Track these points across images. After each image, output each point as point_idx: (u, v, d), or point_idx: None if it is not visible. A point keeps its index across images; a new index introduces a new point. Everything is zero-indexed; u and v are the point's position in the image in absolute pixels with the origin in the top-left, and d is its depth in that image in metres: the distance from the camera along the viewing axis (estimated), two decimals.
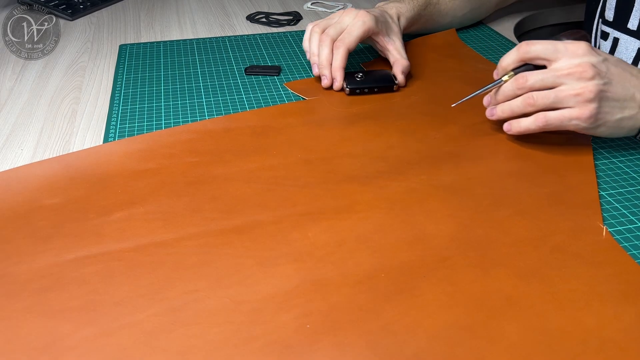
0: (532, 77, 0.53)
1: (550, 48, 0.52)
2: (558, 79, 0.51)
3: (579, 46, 0.52)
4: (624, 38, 0.70)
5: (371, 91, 0.69)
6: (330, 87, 0.70)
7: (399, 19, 0.76)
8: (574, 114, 0.51)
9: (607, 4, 0.73)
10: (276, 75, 0.76)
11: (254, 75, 0.76)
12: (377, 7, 0.76)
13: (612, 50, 0.72)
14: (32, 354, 0.37)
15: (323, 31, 0.70)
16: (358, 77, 0.69)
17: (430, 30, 0.86)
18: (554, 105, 0.52)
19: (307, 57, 0.72)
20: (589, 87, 0.50)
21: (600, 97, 0.50)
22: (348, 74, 0.69)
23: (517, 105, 0.55)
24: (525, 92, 0.54)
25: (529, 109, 0.54)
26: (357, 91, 0.68)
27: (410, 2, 0.79)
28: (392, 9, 0.76)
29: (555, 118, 0.52)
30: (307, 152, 0.57)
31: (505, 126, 0.57)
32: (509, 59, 0.56)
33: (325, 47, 0.69)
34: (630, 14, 0.69)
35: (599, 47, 0.75)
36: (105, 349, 0.37)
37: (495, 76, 0.58)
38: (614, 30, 0.71)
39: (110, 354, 0.36)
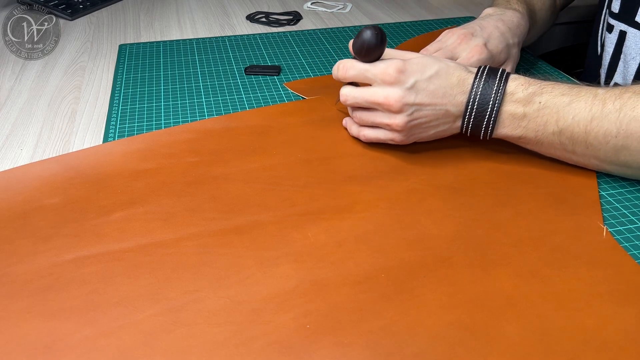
0: (350, 99, 0.56)
1: (361, 76, 0.54)
2: (372, 105, 0.54)
3: (388, 73, 0.52)
4: (631, 32, 0.67)
5: None
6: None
7: (520, 39, 0.68)
8: (388, 136, 0.56)
9: None
10: (276, 75, 0.76)
11: (253, 75, 0.76)
12: (499, 19, 0.67)
13: (619, 44, 0.69)
14: (32, 354, 0.37)
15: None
16: None
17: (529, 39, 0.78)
18: (374, 125, 0.56)
19: None
20: (396, 121, 0.53)
21: (409, 127, 0.53)
22: None
23: (350, 120, 0.59)
24: (349, 102, 0.56)
25: (356, 120, 0.58)
26: None
27: (524, 13, 0.71)
28: (516, 26, 0.68)
29: (374, 137, 0.57)
30: (307, 152, 0.57)
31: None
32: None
33: None
34: (638, 6, 0.66)
35: (604, 40, 0.74)
36: (105, 349, 0.37)
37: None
38: (620, 23, 0.68)
39: (110, 354, 0.36)
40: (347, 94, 0.56)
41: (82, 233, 0.47)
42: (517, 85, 0.52)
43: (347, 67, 0.55)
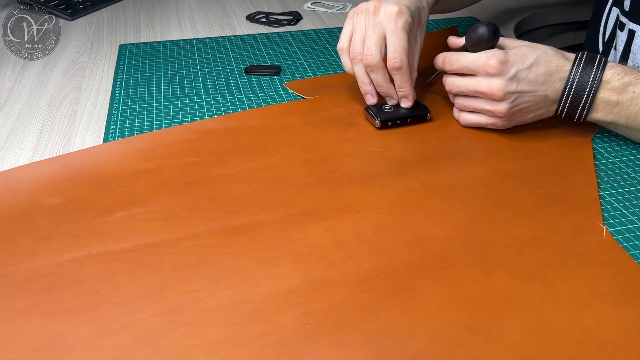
0: (455, 89, 0.59)
1: (465, 69, 0.58)
2: (476, 94, 0.58)
3: (490, 65, 0.55)
4: None
5: (404, 122, 0.62)
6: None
7: (427, 0, 0.67)
8: (490, 121, 0.59)
9: None
10: (276, 75, 0.76)
11: (254, 75, 0.76)
12: None
13: (628, 44, 0.69)
14: (32, 354, 0.37)
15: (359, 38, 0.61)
16: (387, 108, 0.62)
17: (454, 6, 0.83)
18: (476, 110, 0.59)
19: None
20: (499, 108, 0.56)
21: (511, 113, 0.56)
22: (374, 106, 0.63)
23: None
24: (454, 91, 0.60)
25: (458, 106, 0.61)
26: (389, 123, 0.61)
27: None
28: None
29: (475, 121, 0.60)
30: (307, 152, 0.57)
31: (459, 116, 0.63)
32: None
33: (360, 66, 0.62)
34: None
35: (616, 39, 0.72)
36: (105, 349, 0.37)
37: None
38: (630, 22, 0.68)
39: (110, 354, 0.36)
40: (452, 83, 0.59)
41: (82, 233, 0.47)
42: (614, 74, 0.54)
43: (452, 61, 0.59)
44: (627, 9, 0.69)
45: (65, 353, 0.37)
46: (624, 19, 0.70)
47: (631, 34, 0.69)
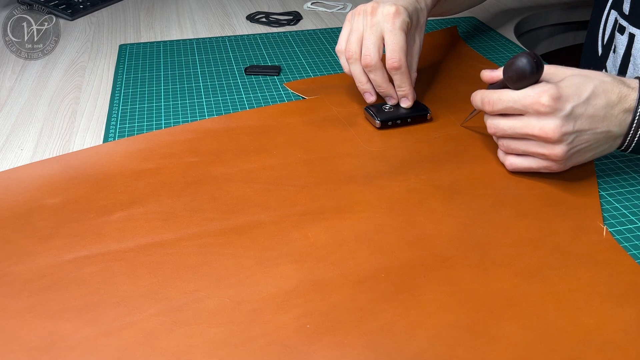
0: (500, 132, 0.52)
1: (511, 109, 0.50)
2: (527, 136, 0.50)
3: (542, 103, 0.47)
4: None
5: (404, 122, 0.62)
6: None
7: (426, 2, 0.66)
8: (542, 165, 0.51)
9: None
10: (276, 75, 0.76)
11: (254, 75, 0.76)
12: None
13: (629, 47, 0.69)
14: (32, 354, 0.37)
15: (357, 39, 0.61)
16: (387, 108, 0.62)
17: (454, 8, 0.81)
18: (526, 153, 0.52)
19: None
20: (555, 152, 0.49)
21: (568, 156, 0.49)
22: (374, 106, 0.63)
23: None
24: (499, 134, 0.52)
25: (503, 148, 0.54)
26: (389, 123, 0.61)
27: None
28: None
29: (525, 166, 0.52)
30: (307, 152, 0.57)
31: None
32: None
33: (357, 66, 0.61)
34: None
35: (615, 42, 0.72)
36: (105, 349, 0.37)
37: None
38: (630, 25, 0.68)
39: (110, 354, 0.36)
40: (497, 126, 0.51)
41: (82, 233, 0.47)
42: None
43: (492, 101, 0.51)
44: (626, 12, 0.69)
45: (65, 353, 0.37)
46: (623, 22, 0.70)
47: (631, 37, 0.69)
